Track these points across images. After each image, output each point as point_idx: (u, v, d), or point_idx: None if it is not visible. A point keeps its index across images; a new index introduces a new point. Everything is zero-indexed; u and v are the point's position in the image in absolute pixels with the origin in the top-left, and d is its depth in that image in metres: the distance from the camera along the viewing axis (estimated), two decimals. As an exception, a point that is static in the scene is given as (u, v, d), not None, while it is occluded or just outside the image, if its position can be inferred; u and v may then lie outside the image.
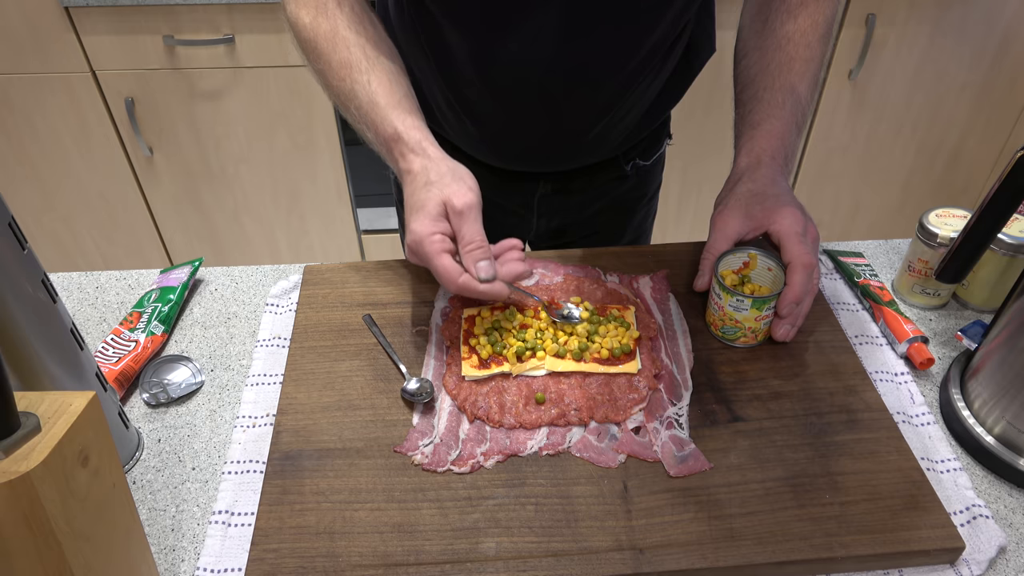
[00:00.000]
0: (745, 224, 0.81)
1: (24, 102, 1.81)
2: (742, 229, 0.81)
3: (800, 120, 0.86)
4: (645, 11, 0.82)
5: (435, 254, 0.72)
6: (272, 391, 0.80)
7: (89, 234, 2.08)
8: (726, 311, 0.79)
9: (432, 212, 0.73)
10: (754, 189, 0.82)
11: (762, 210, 0.80)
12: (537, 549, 0.64)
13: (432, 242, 0.72)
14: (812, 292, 0.80)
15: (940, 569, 0.66)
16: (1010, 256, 0.84)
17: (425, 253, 0.73)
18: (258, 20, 1.72)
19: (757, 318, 0.78)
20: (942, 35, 1.86)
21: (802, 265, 0.77)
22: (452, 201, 0.73)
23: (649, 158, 1.09)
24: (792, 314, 0.79)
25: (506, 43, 0.84)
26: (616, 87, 0.90)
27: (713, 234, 0.83)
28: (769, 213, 0.80)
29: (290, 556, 0.64)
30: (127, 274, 0.98)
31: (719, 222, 0.83)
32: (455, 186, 0.74)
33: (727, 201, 0.83)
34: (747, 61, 0.89)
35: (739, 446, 0.72)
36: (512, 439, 0.73)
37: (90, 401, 0.53)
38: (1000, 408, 0.73)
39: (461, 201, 0.73)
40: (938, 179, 2.16)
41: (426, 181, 0.75)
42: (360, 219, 2.14)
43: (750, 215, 0.81)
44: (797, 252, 0.77)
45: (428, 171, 0.76)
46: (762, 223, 0.80)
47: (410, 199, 0.76)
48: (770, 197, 0.81)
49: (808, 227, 0.80)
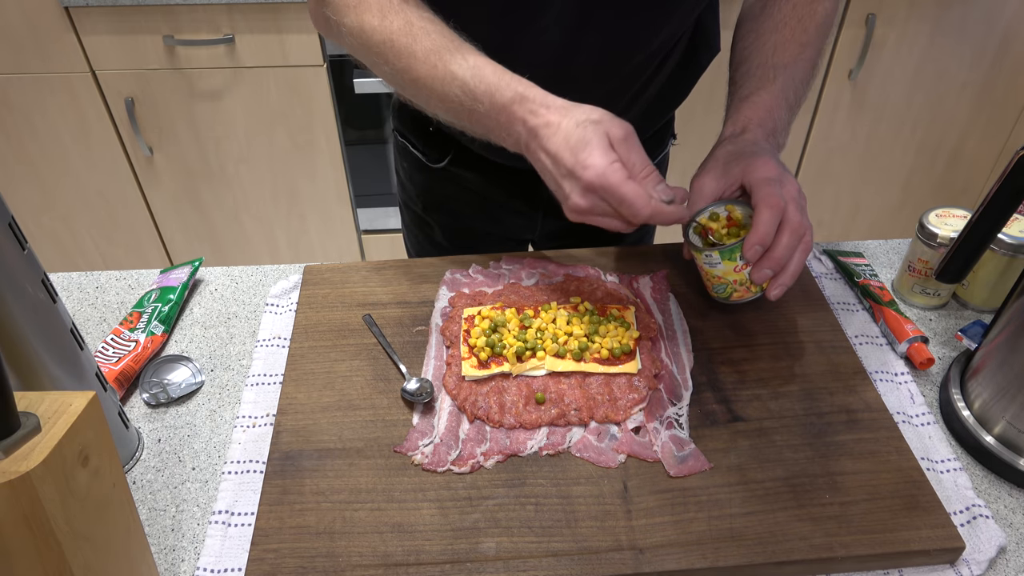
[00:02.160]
0: (721, 183, 0.79)
1: (24, 102, 1.81)
2: (718, 188, 0.79)
3: (792, 99, 0.84)
4: (653, 5, 0.82)
5: (622, 181, 0.69)
6: (272, 391, 0.80)
7: (89, 234, 2.08)
8: (706, 271, 0.78)
9: (601, 144, 0.70)
10: (733, 151, 0.80)
11: (738, 166, 0.78)
12: (537, 549, 0.64)
13: (615, 169, 0.70)
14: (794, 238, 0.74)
15: (940, 569, 0.65)
16: (1010, 256, 0.84)
17: (611, 182, 0.69)
18: (258, 20, 1.72)
19: (736, 269, 0.76)
20: (942, 35, 1.86)
21: (768, 206, 0.73)
22: (614, 131, 0.71)
23: (654, 158, 1.09)
24: (769, 261, 0.74)
25: (512, 41, 0.83)
26: (620, 83, 0.90)
27: (690, 197, 0.80)
28: (745, 167, 0.77)
29: (290, 556, 0.64)
30: (127, 274, 0.98)
31: (695, 184, 0.81)
32: (608, 119, 0.72)
33: (705, 164, 0.82)
34: (742, 43, 0.89)
35: (739, 446, 0.72)
36: (512, 439, 0.73)
37: (90, 401, 0.53)
38: (1000, 408, 0.73)
39: (623, 130, 0.72)
40: (938, 179, 2.16)
41: (576, 122, 0.72)
42: (360, 219, 2.14)
43: (726, 174, 0.79)
44: (764, 194, 0.74)
45: (573, 114, 0.73)
46: (737, 178, 0.78)
47: (567, 142, 0.72)
48: (750, 155, 0.78)
49: (785, 177, 0.76)
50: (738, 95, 0.86)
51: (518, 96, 0.74)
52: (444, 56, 0.76)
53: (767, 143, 0.81)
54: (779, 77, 0.84)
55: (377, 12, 0.79)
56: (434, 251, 1.16)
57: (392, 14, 0.79)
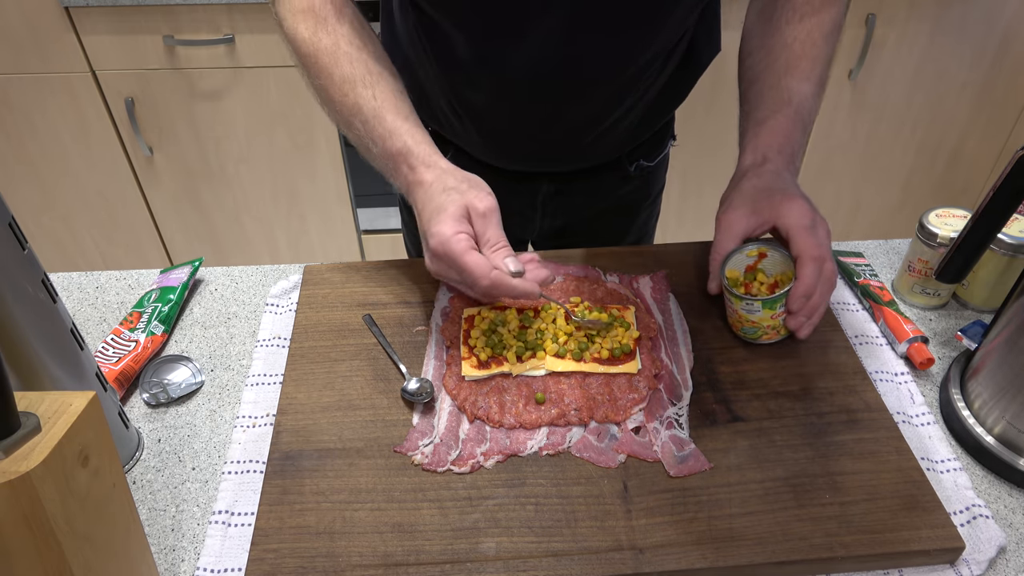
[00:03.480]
0: (752, 221, 0.79)
1: (24, 102, 1.81)
2: (749, 226, 0.79)
3: (807, 119, 0.84)
4: (645, 18, 0.82)
5: (463, 251, 0.71)
6: (272, 391, 0.80)
7: (89, 234, 2.08)
8: (740, 314, 0.78)
9: (455, 214, 0.72)
10: (759, 185, 0.80)
11: (769, 205, 0.78)
12: (537, 549, 0.64)
13: (459, 240, 0.71)
14: (828, 286, 0.77)
15: (940, 569, 0.65)
16: (1010, 256, 0.84)
17: (452, 252, 0.71)
18: (258, 20, 1.72)
19: (772, 316, 0.77)
20: (942, 35, 1.86)
21: (811, 258, 0.75)
22: (475, 204, 0.73)
23: (653, 159, 1.09)
24: (806, 309, 0.77)
25: (508, 48, 0.84)
26: (616, 90, 0.90)
27: (719, 234, 0.81)
28: (776, 207, 0.78)
29: (290, 556, 0.64)
30: (127, 274, 0.98)
31: (724, 221, 0.81)
32: (474, 191, 0.74)
33: (732, 199, 0.81)
34: (751, 60, 0.88)
35: (739, 446, 0.72)
36: (512, 439, 0.73)
37: (90, 401, 0.53)
38: (1000, 408, 0.73)
39: (483, 204, 0.73)
40: (938, 179, 2.16)
41: (444, 187, 0.74)
42: (360, 219, 2.14)
43: (756, 211, 0.79)
44: (805, 244, 0.75)
45: (444, 179, 0.75)
46: (769, 218, 0.78)
47: (427, 206, 0.74)
48: (776, 192, 0.79)
49: (817, 220, 0.78)
50: (753, 118, 0.85)
51: (405, 148, 0.77)
52: (357, 88, 0.79)
53: (788, 172, 0.81)
54: (794, 98, 0.83)
55: (312, 24, 0.80)
56: (433, 251, 1.16)
57: (323, 31, 0.80)
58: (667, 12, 0.82)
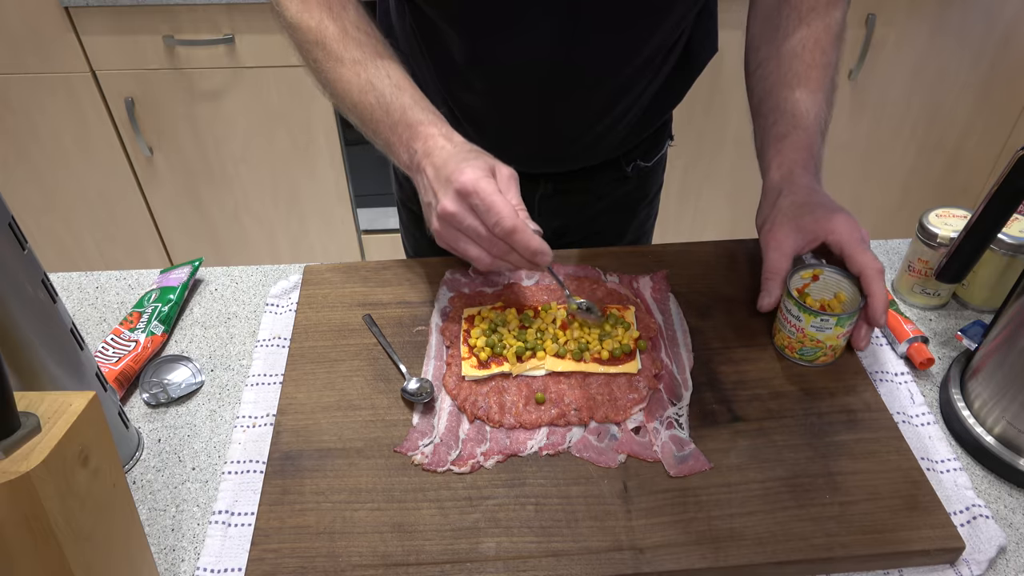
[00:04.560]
0: (800, 238, 0.79)
1: (24, 102, 1.81)
2: (797, 243, 0.79)
3: (824, 128, 0.84)
4: (642, 18, 0.82)
5: (495, 191, 0.69)
6: (272, 391, 0.80)
7: (89, 234, 2.08)
8: (807, 332, 0.77)
9: (481, 167, 0.71)
10: (797, 201, 0.80)
11: (813, 220, 0.78)
12: (537, 549, 0.64)
13: (490, 182, 0.70)
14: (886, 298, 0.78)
15: (940, 569, 0.66)
16: (1010, 256, 0.84)
17: (484, 189, 0.69)
18: (258, 20, 1.72)
19: (840, 335, 0.77)
20: (942, 35, 1.86)
21: (876, 271, 0.75)
22: (500, 168, 0.72)
23: (650, 159, 1.09)
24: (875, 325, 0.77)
25: (501, 47, 0.84)
26: (613, 90, 0.90)
27: (769, 253, 0.80)
28: (822, 223, 0.78)
29: (290, 556, 0.64)
30: (127, 274, 0.98)
31: (772, 240, 0.80)
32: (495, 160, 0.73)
33: (774, 218, 0.81)
34: (762, 71, 0.88)
35: (739, 446, 0.72)
36: (512, 439, 0.73)
37: (90, 401, 0.53)
38: (1000, 408, 0.73)
39: (507, 170, 0.73)
40: (938, 179, 2.16)
41: (469, 149, 0.74)
42: (360, 219, 2.14)
43: (801, 228, 0.79)
44: (866, 260, 0.76)
45: (466, 145, 0.75)
46: (816, 234, 0.78)
47: (451, 157, 0.73)
48: (817, 207, 0.79)
49: (864, 233, 0.78)
50: (772, 133, 0.85)
51: (427, 120, 0.77)
52: (369, 68, 0.79)
53: (819, 184, 0.82)
54: (811, 111, 0.83)
55: (317, 13, 0.81)
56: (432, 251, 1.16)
57: (329, 19, 0.81)
58: (662, 12, 0.82)
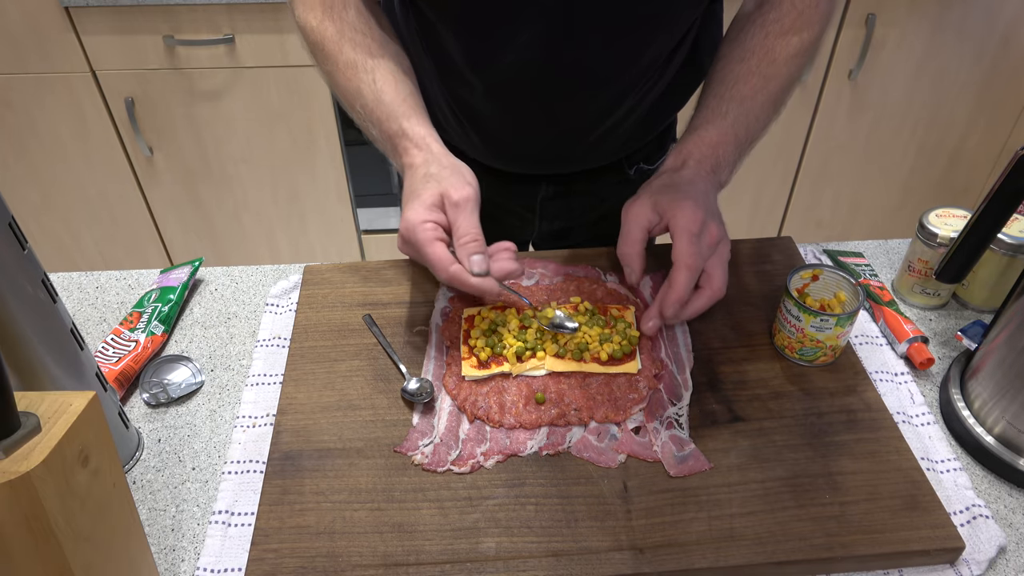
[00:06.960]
0: (653, 216, 0.79)
1: (24, 102, 1.81)
2: (650, 220, 0.79)
3: (744, 136, 0.82)
4: (643, 22, 0.82)
5: (427, 241, 0.72)
6: (272, 391, 0.80)
7: (89, 234, 2.08)
8: (807, 332, 0.77)
9: (427, 201, 0.73)
10: (666, 182, 0.80)
11: (667, 201, 0.78)
12: (537, 549, 0.64)
13: (424, 229, 0.72)
14: (710, 295, 0.77)
15: (940, 569, 0.66)
16: (1010, 256, 0.84)
17: (417, 240, 0.72)
18: (258, 20, 1.72)
19: (840, 335, 0.77)
20: (942, 35, 1.86)
21: (685, 266, 0.74)
22: (449, 193, 0.73)
23: (653, 163, 1.08)
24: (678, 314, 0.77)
25: (501, 49, 0.84)
26: (613, 94, 0.90)
27: (625, 225, 0.81)
28: (671, 206, 0.77)
29: (290, 556, 0.64)
30: (127, 274, 0.98)
31: (630, 213, 0.80)
32: (454, 179, 0.74)
33: (639, 192, 0.81)
34: (713, 67, 0.88)
35: (739, 446, 0.72)
36: (512, 439, 0.73)
37: (90, 401, 0.53)
38: (1000, 408, 0.73)
39: (458, 194, 0.73)
40: (938, 179, 2.15)
41: (426, 174, 0.76)
42: (360, 219, 2.14)
43: (656, 205, 0.78)
44: (683, 251, 0.75)
45: (429, 164, 0.76)
46: (663, 215, 0.78)
47: (407, 190, 0.76)
48: (677, 190, 0.78)
49: (708, 226, 0.76)
50: (690, 123, 0.85)
51: (400, 130, 0.78)
52: (359, 73, 0.80)
53: (704, 182, 0.80)
54: (731, 112, 0.82)
55: (319, 13, 0.82)
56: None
57: (329, 19, 0.82)
58: (660, 20, 0.82)
